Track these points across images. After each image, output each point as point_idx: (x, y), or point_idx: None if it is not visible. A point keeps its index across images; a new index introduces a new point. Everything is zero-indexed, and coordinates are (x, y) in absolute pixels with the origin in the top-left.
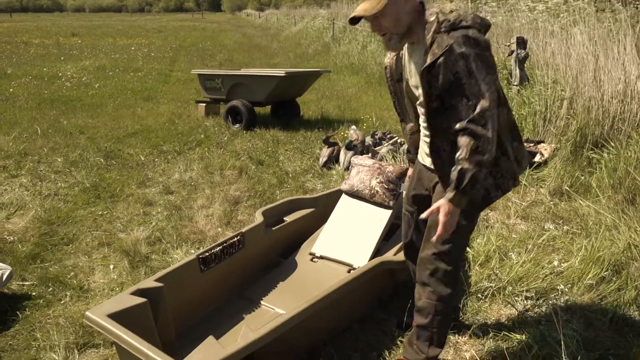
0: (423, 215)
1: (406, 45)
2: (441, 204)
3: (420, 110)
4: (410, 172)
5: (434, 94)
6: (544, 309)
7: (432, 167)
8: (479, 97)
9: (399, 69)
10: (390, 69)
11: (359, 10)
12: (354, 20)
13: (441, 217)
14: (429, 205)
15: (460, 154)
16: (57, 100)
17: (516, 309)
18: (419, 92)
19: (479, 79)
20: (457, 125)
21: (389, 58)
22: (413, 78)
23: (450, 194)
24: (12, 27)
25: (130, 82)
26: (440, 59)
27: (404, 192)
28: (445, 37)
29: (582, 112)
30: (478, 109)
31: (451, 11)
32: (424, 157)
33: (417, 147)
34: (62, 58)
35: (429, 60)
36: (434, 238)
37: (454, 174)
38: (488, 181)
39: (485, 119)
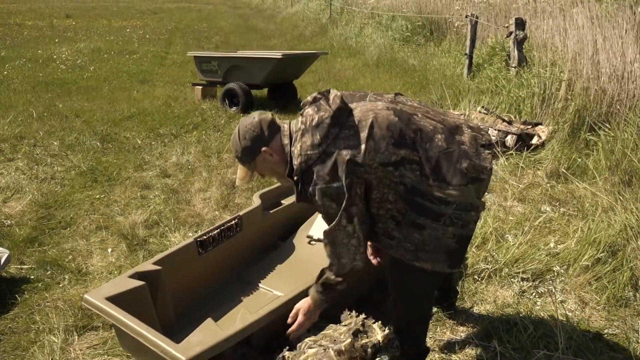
0: (290, 316)
1: None
2: (303, 302)
3: None
4: None
5: None
6: (540, 290)
7: None
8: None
9: None
10: None
11: (238, 180)
12: (236, 186)
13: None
14: None
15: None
16: (52, 83)
17: (512, 290)
18: None
19: (329, 212)
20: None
21: None
22: None
23: (312, 293)
24: (4, 8)
25: (126, 65)
26: (304, 197)
27: None
28: (295, 178)
29: (580, 94)
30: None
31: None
32: None
33: None
34: (56, 40)
35: (296, 197)
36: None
37: (319, 275)
38: (449, 230)
39: (328, 242)
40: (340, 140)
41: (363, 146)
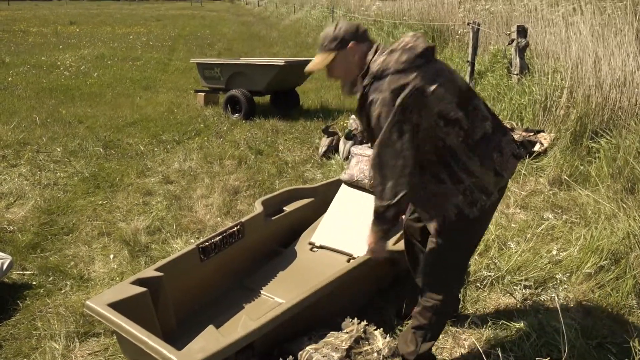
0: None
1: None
2: (368, 236)
3: None
4: None
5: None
6: (542, 298)
7: None
8: (377, 141)
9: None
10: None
11: (312, 64)
12: (309, 72)
13: (369, 246)
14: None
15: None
16: (55, 89)
17: (515, 298)
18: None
19: (382, 125)
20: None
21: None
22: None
23: (371, 226)
24: (9, 15)
25: (129, 71)
26: (361, 103)
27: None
28: (365, 82)
29: (582, 101)
30: (373, 152)
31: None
32: None
33: None
34: (60, 47)
35: (357, 105)
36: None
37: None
38: (458, 198)
39: (373, 160)
40: (420, 70)
41: (434, 86)
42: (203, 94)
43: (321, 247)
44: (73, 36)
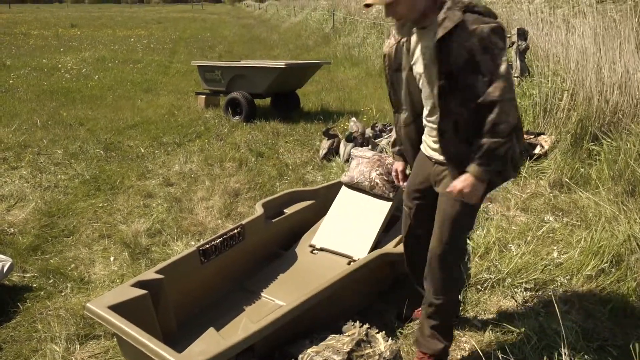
0: (448, 189)
1: (414, 31)
2: (464, 178)
3: (426, 96)
4: (400, 166)
5: (445, 71)
6: (543, 300)
7: (439, 159)
8: (496, 74)
9: (398, 58)
10: (389, 57)
11: None
12: (369, 4)
13: (464, 188)
14: (433, 200)
15: (485, 128)
16: (56, 92)
17: (515, 301)
18: (423, 79)
19: (495, 54)
20: (479, 100)
21: (387, 47)
22: (419, 64)
23: (473, 168)
24: (11, 18)
25: (130, 74)
26: (453, 33)
27: (404, 186)
28: (457, 12)
29: (583, 104)
30: (497, 84)
31: None
32: (428, 149)
33: (410, 139)
34: (61, 49)
35: (440, 33)
36: (451, 192)
37: (477, 148)
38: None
39: (505, 92)
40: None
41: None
42: (204, 96)
43: (322, 249)
44: (74, 39)
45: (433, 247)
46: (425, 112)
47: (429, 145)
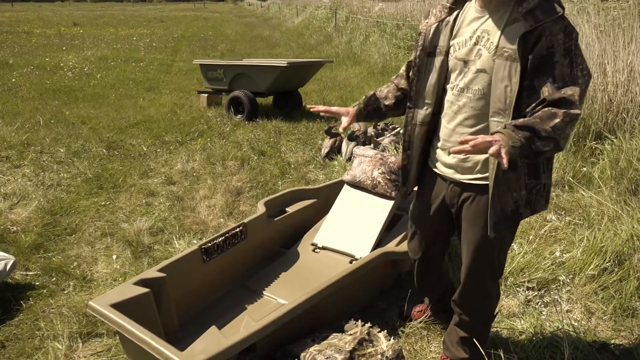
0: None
1: (468, 6)
2: (497, 137)
3: (476, 95)
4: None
5: (522, 69)
6: (545, 299)
7: (456, 178)
8: (571, 81)
9: (435, 40)
10: (424, 37)
11: None
12: None
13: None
14: (447, 221)
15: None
16: (59, 90)
17: (518, 300)
18: (468, 67)
19: (575, 61)
20: (545, 95)
21: (425, 24)
22: (464, 49)
23: (507, 132)
24: (13, 16)
25: (132, 73)
26: (544, 26)
27: (410, 209)
28: (555, 5)
29: (586, 103)
30: (574, 88)
31: None
32: (441, 166)
33: (422, 143)
34: (63, 48)
35: (529, 25)
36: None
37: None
38: (521, 193)
39: (580, 99)
40: None
41: None
42: (206, 95)
43: (324, 248)
44: (76, 37)
45: (469, 284)
46: (451, 114)
47: (444, 161)
